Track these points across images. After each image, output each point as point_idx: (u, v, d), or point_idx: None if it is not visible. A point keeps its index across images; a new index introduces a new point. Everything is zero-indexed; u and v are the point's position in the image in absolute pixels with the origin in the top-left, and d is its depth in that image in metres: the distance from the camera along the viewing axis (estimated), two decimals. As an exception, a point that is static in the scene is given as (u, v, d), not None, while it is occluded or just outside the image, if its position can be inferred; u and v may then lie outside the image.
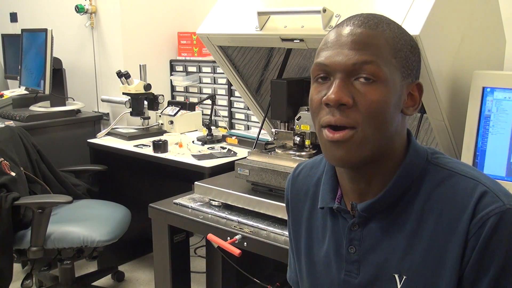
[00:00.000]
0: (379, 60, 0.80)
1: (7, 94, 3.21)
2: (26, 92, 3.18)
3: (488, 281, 0.78)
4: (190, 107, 2.69)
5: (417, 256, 0.83)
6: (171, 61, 3.28)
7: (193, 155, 2.41)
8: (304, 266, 1.01)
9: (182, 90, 3.26)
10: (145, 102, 2.90)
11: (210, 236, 1.56)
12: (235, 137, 2.69)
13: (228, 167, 2.03)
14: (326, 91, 0.82)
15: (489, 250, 0.78)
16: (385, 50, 0.81)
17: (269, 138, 1.99)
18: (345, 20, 0.86)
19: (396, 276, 0.85)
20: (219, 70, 2.98)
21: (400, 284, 0.85)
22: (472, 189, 0.81)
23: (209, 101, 2.77)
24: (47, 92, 2.96)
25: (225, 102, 3.00)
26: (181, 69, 3.24)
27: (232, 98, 2.97)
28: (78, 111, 3.15)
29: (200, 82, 3.14)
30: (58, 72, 3.06)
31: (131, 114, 2.89)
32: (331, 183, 0.94)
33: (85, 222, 2.37)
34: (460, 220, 0.80)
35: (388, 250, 0.86)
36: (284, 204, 1.10)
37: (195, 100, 3.06)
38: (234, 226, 1.60)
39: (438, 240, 0.82)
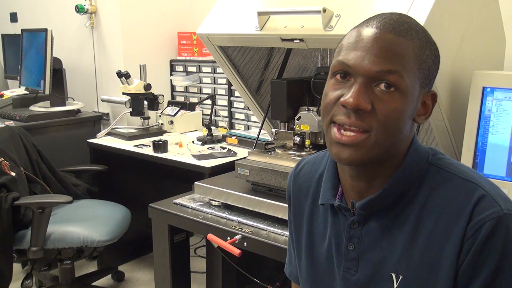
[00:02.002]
0: (404, 71, 0.79)
1: (7, 94, 3.21)
2: (26, 92, 3.18)
3: (479, 284, 0.79)
4: (190, 107, 2.69)
5: (414, 256, 0.84)
6: (171, 61, 3.28)
7: (193, 155, 2.41)
8: (305, 262, 1.01)
9: (182, 90, 3.26)
10: (145, 102, 2.90)
11: (210, 236, 1.56)
12: (235, 137, 2.69)
13: (228, 167, 2.03)
14: (344, 91, 0.81)
15: (483, 254, 0.78)
16: (411, 60, 0.80)
17: (269, 138, 1.99)
18: (374, 18, 0.83)
19: (393, 275, 0.86)
20: (219, 70, 2.98)
21: (396, 283, 0.85)
22: (471, 192, 0.81)
23: (209, 101, 2.77)
24: (47, 92, 2.96)
25: (225, 102, 3.00)
26: (181, 69, 3.24)
27: (232, 98, 2.97)
28: (78, 111, 3.15)
29: (200, 82, 3.14)
30: (58, 72, 3.06)
31: (131, 114, 2.89)
32: (332, 180, 0.94)
33: (85, 222, 2.36)
34: (457, 222, 0.80)
35: (386, 249, 0.87)
36: (284, 204, 1.10)
37: (195, 100, 3.06)
38: (234, 226, 1.60)
39: (435, 241, 0.82)
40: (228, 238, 1.55)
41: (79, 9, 3.07)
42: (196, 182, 1.80)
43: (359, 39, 0.81)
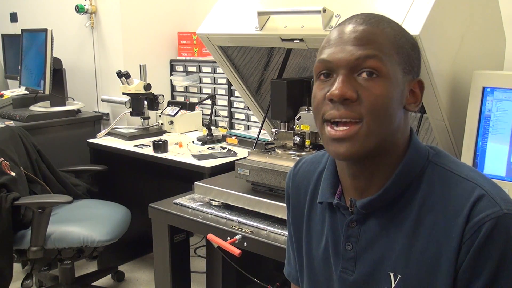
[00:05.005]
0: (382, 55, 0.81)
1: (7, 94, 3.21)
2: (26, 92, 3.18)
3: (480, 284, 0.78)
4: (190, 107, 2.69)
5: (412, 255, 0.83)
6: (171, 61, 3.28)
7: (193, 155, 2.41)
8: (305, 261, 1.01)
9: (182, 90, 3.26)
10: (145, 102, 2.90)
11: (210, 236, 1.56)
12: (235, 137, 2.69)
13: (228, 167, 2.03)
14: (329, 87, 0.82)
15: (483, 255, 0.78)
16: (387, 45, 0.82)
17: (269, 138, 1.99)
18: (346, 19, 0.87)
19: (391, 274, 0.85)
20: (219, 70, 2.98)
21: (394, 282, 0.85)
22: (470, 192, 0.81)
23: (209, 101, 2.77)
24: (47, 92, 2.96)
25: (225, 102, 3.00)
26: (181, 69, 3.24)
27: (232, 98, 2.97)
28: (78, 111, 3.15)
29: (200, 82, 3.14)
30: (58, 72, 3.06)
31: (131, 114, 2.89)
32: (331, 179, 0.94)
33: (85, 222, 2.37)
34: (456, 222, 0.80)
35: (384, 248, 0.86)
36: (284, 204, 1.09)
37: (195, 100, 3.06)
38: (234, 226, 1.60)
39: (434, 241, 0.82)
40: (228, 238, 1.55)
41: (79, 9, 3.07)
42: (196, 182, 1.80)
43: (334, 37, 0.85)
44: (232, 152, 2.47)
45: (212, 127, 2.75)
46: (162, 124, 2.99)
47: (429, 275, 0.82)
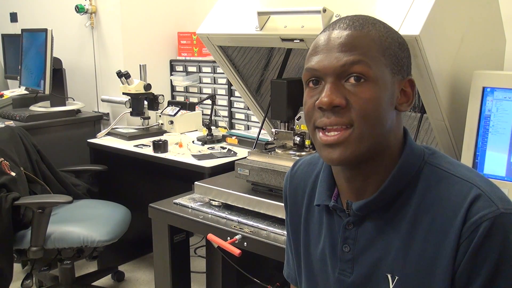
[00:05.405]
0: (368, 59, 0.80)
1: (7, 94, 3.21)
2: (26, 92, 3.18)
3: (479, 284, 0.78)
4: (190, 107, 2.70)
5: (410, 257, 0.83)
6: (171, 61, 3.29)
7: (193, 155, 2.41)
8: (303, 263, 1.01)
9: (182, 90, 3.26)
10: (145, 102, 2.90)
11: (210, 236, 1.56)
12: (235, 137, 2.69)
13: (228, 167, 2.03)
14: (318, 95, 0.83)
15: (481, 254, 0.77)
16: (373, 49, 0.82)
17: (269, 138, 1.99)
18: (331, 24, 0.87)
19: (389, 276, 0.85)
20: (219, 70, 2.98)
21: (392, 284, 0.85)
22: (466, 192, 0.80)
23: (209, 101, 2.77)
24: (47, 92, 2.96)
25: (225, 102, 3.00)
26: (181, 69, 3.24)
27: (232, 98, 2.97)
28: (78, 111, 3.15)
29: (200, 82, 3.14)
30: (58, 72, 3.06)
31: (131, 114, 2.89)
32: (328, 181, 0.94)
33: (85, 222, 2.37)
34: (453, 223, 0.79)
35: (382, 249, 0.86)
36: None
37: (195, 100, 3.06)
38: (234, 226, 1.60)
39: (431, 242, 0.82)
40: (228, 238, 1.55)
41: (79, 9, 3.07)
42: (196, 182, 1.80)
43: (320, 44, 0.85)
44: (232, 152, 2.47)
45: (212, 127, 2.75)
46: (162, 124, 2.99)
47: (426, 276, 0.82)
